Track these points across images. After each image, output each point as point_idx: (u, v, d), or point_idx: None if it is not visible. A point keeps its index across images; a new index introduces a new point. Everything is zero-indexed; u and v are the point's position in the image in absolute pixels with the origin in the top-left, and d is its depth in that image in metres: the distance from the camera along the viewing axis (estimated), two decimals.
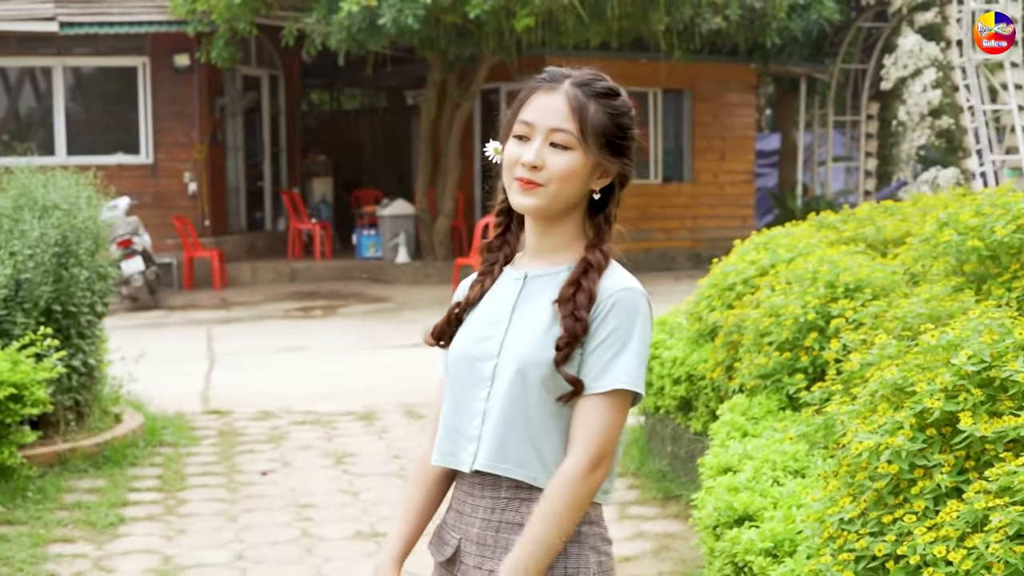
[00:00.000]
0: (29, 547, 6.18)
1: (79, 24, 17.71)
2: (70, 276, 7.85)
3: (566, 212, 2.66)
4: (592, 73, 2.75)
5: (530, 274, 2.69)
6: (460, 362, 2.68)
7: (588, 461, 2.52)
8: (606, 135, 2.63)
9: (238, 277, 18.76)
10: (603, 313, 2.57)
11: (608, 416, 2.54)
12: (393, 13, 15.21)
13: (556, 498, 2.52)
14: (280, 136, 21.48)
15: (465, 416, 2.66)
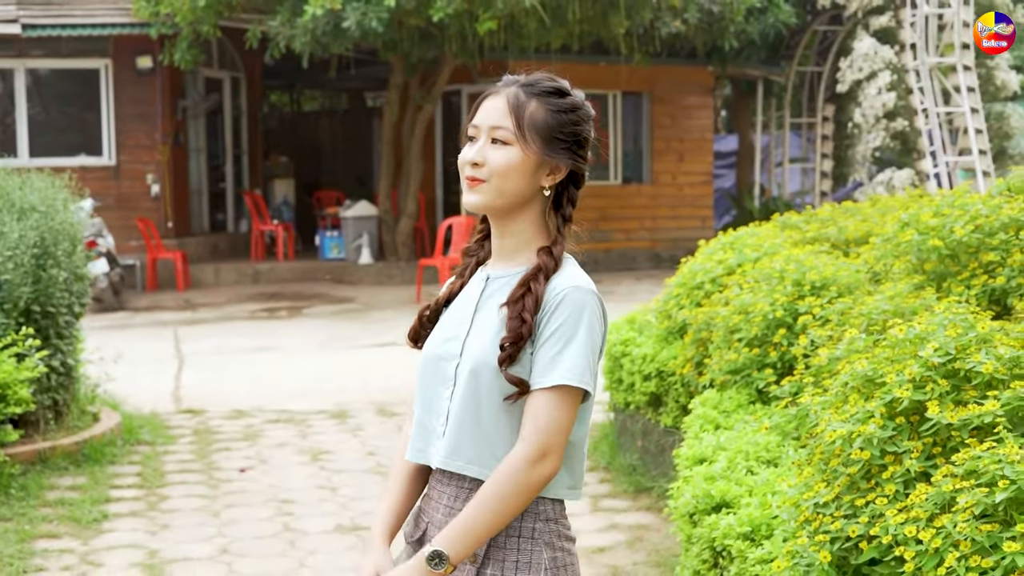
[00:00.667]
0: (16, 543, 6.31)
1: (42, 26, 17.75)
2: (49, 277, 7.97)
3: (516, 210, 2.72)
4: (541, 75, 2.83)
5: (492, 275, 2.77)
6: (428, 361, 2.76)
7: (532, 453, 2.56)
8: (549, 131, 2.70)
9: (201, 278, 18.84)
10: (550, 311, 2.62)
11: (554, 411, 2.58)
12: (357, 16, 15.36)
13: (495, 484, 2.58)
14: (242, 138, 21.57)
15: (434, 414, 2.73)
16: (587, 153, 2.80)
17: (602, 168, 21.08)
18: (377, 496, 7.01)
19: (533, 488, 2.58)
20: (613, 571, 5.93)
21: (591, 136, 2.80)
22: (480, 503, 2.59)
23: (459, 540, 2.58)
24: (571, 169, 2.75)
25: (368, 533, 2.71)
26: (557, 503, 2.69)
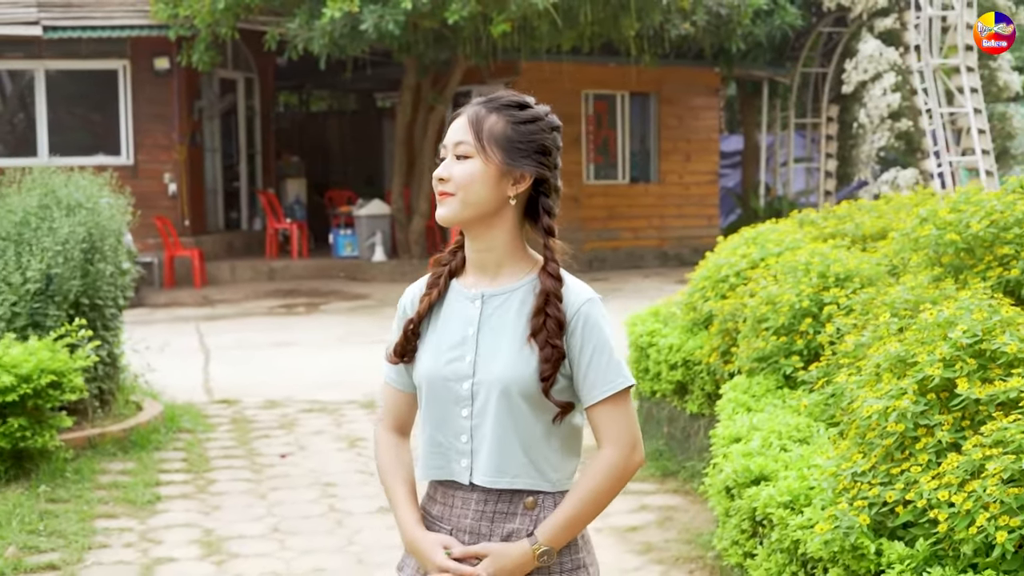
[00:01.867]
0: (77, 521, 6.64)
1: (62, 28, 18.08)
2: (96, 271, 8.31)
3: (486, 221, 2.80)
4: (504, 92, 2.88)
5: (487, 294, 2.83)
6: (434, 383, 2.83)
7: (626, 449, 2.78)
8: (508, 141, 2.77)
9: (217, 276, 19.16)
10: (578, 329, 2.77)
11: (626, 409, 2.81)
12: (374, 19, 15.68)
13: (597, 482, 2.76)
14: (255, 138, 21.89)
15: (451, 432, 2.82)
16: (553, 161, 2.85)
17: (610, 168, 21.43)
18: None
19: (627, 477, 2.81)
20: (646, 547, 6.26)
21: (557, 146, 2.86)
22: (583, 500, 2.76)
23: (562, 535, 2.76)
24: (537, 178, 2.81)
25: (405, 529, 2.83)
26: None
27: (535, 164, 2.79)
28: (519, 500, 2.79)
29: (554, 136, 2.84)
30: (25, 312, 7.92)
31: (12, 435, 7.14)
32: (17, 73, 19.34)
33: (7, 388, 7.03)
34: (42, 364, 7.19)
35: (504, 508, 2.80)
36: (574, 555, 2.82)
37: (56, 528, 6.53)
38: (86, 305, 8.24)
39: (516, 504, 2.80)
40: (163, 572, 6.02)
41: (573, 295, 2.80)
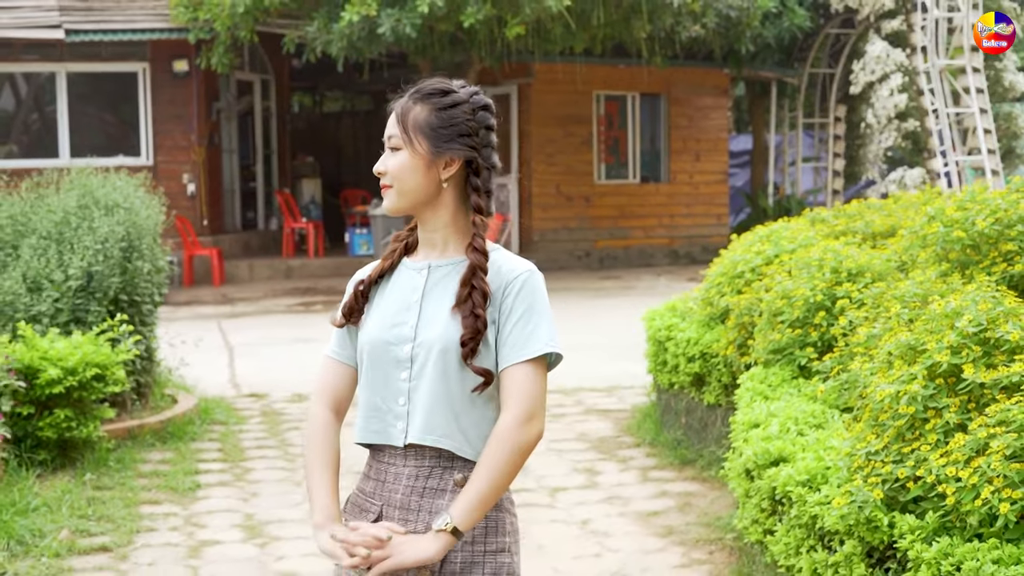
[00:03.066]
0: (123, 507, 6.96)
1: (84, 32, 18.41)
2: (134, 268, 8.64)
3: (427, 206, 2.91)
4: (429, 80, 2.98)
5: (433, 264, 2.94)
6: (376, 346, 2.92)
7: (522, 415, 2.81)
8: (431, 128, 2.87)
9: (236, 274, 19.49)
10: (514, 292, 2.86)
11: (535, 378, 2.84)
12: (391, 22, 16.01)
13: (491, 453, 2.81)
14: (271, 138, 22.23)
15: (389, 396, 2.90)
16: (481, 140, 2.92)
17: (621, 167, 21.75)
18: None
19: (524, 449, 2.82)
20: (667, 530, 6.58)
21: (486, 125, 2.94)
22: (481, 475, 2.80)
23: (469, 512, 2.79)
24: (467, 159, 2.91)
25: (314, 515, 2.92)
26: None
27: (461, 147, 2.89)
28: (449, 477, 2.86)
29: (482, 116, 2.94)
30: (67, 308, 8.25)
31: (59, 425, 7.47)
32: (39, 75, 19.68)
33: (54, 380, 7.36)
34: (87, 357, 7.52)
35: (435, 484, 2.86)
36: (499, 538, 2.90)
37: (104, 513, 6.85)
38: (125, 301, 8.58)
39: (446, 481, 2.86)
40: (210, 553, 6.34)
41: (511, 265, 2.90)
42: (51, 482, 7.28)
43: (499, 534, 2.89)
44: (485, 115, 2.94)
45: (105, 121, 20.14)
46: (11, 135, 19.82)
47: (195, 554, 6.32)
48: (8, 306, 8.14)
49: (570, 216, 20.83)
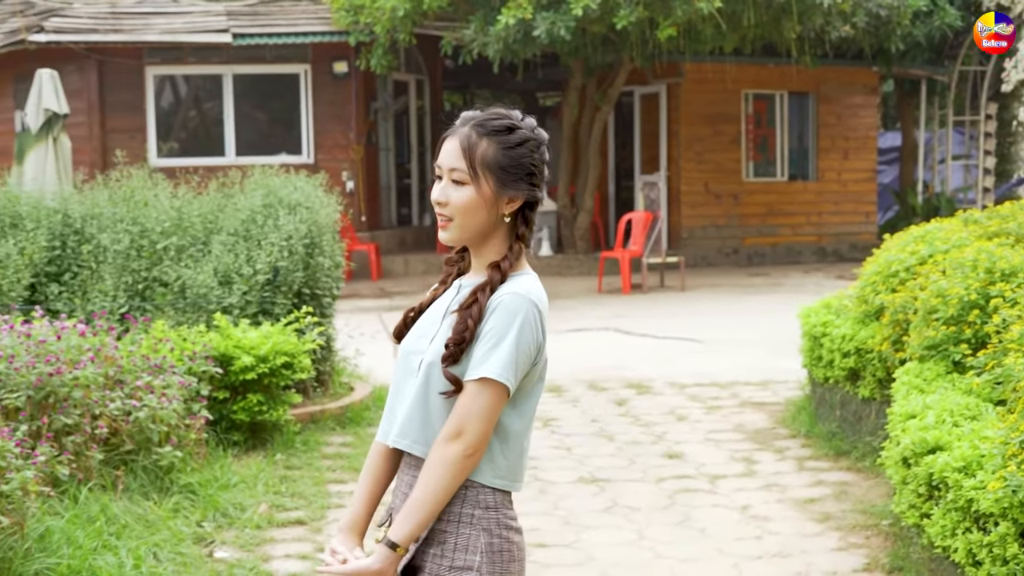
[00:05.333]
0: (312, 485, 7.53)
1: (250, 35, 19.22)
2: (316, 264, 9.23)
3: (484, 237, 2.99)
4: (492, 113, 3.00)
5: (463, 284, 3.05)
6: (401, 356, 3.07)
7: (449, 431, 2.86)
8: (500, 168, 2.93)
9: (392, 269, 20.16)
10: (489, 313, 2.90)
11: (475, 399, 2.86)
12: (547, 25, 16.46)
13: (425, 463, 2.89)
14: (425, 137, 22.87)
15: (398, 400, 3.04)
16: (540, 180, 3.01)
17: (769, 165, 21.95)
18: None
19: (450, 463, 2.85)
20: (825, 516, 6.93)
21: (544, 160, 3.02)
22: (416, 486, 2.89)
23: (402, 524, 2.88)
24: (526, 197, 3.01)
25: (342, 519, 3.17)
26: (499, 493, 2.96)
27: (526, 187, 2.98)
28: None
29: (542, 153, 3.01)
30: (256, 300, 8.86)
31: (251, 409, 8.08)
32: (207, 77, 20.56)
33: (247, 367, 7.97)
34: (276, 347, 8.11)
35: None
36: (468, 556, 2.92)
37: (296, 490, 7.42)
38: (307, 294, 9.17)
39: None
40: None
41: (510, 285, 2.95)
42: (245, 461, 7.88)
43: (469, 552, 2.91)
44: (544, 151, 3.02)
45: (269, 121, 20.95)
46: (171, 133, 20.72)
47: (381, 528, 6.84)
48: (202, 298, 8.78)
49: (718, 214, 21.11)
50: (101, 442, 6.73)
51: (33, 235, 8.98)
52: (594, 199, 20.37)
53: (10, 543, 5.49)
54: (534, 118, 3.05)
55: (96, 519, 6.12)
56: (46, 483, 5.94)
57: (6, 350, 6.76)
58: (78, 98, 18.70)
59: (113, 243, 8.98)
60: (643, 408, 9.74)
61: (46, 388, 6.58)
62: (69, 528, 5.84)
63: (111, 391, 6.97)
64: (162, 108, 20.52)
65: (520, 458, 3.00)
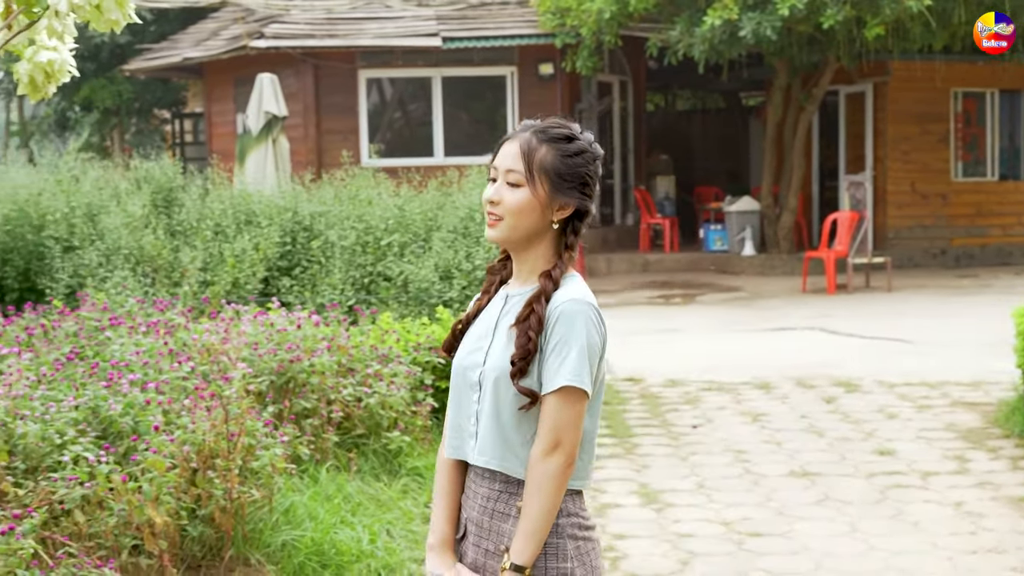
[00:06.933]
0: None
1: (459, 39, 19.73)
2: None
3: (531, 241, 3.02)
4: (553, 121, 3.06)
5: (510, 294, 3.08)
6: (457, 371, 3.10)
7: (544, 446, 2.89)
8: (556, 174, 2.98)
9: (595, 268, 20.43)
10: (551, 324, 2.92)
11: (561, 409, 2.89)
12: (752, 25, 16.52)
13: (528, 484, 2.91)
14: (628, 137, 23.09)
15: (464, 415, 3.06)
16: (592, 191, 3.06)
17: (979, 165, 21.54)
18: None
19: (552, 476, 2.89)
20: None
21: (598, 174, 3.08)
22: (525, 505, 2.92)
23: (525, 547, 2.91)
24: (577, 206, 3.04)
25: (431, 533, 3.18)
26: (574, 497, 3.02)
27: (579, 196, 3.02)
28: (513, 503, 2.99)
29: (596, 166, 3.06)
30: (474, 295, 9.20)
31: None
32: (415, 80, 21.14)
33: None
34: None
35: (502, 508, 3.00)
36: (560, 563, 2.97)
37: None
38: None
39: (510, 506, 3.00)
40: (613, 514, 7.12)
41: (560, 296, 2.96)
42: None
43: (559, 559, 2.95)
44: (598, 165, 3.07)
45: (475, 122, 21.44)
46: (378, 134, 21.35)
47: (599, 514, 7.11)
48: (424, 292, 9.17)
49: (925, 214, 20.81)
50: (335, 426, 7.14)
51: (266, 232, 9.49)
52: (798, 199, 20.31)
53: (260, 515, 5.92)
54: (592, 133, 3.11)
55: (334, 497, 6.52)
56: (289, 462, 6.35)
57: (250, 338, 7.23)
58: (295, 101, 19.45)
59: (340, 239, 9.43)
60: (852, 406, 9.80)
61: (287, 374, 7.03)
62: (311, 504, 6.24)
63: (344, 378, 7.39)
64: (369, 110, 21.15)
65: (592, 457, 3.06)
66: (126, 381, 6.13)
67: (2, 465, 5.21)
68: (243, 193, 10.19)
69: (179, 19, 24.62)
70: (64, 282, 9.29)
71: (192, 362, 6.67)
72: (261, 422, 6.09)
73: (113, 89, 25.33)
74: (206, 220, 9.77)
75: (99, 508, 5.15)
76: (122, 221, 9.66)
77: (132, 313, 7.85)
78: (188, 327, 7.47)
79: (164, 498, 5.27)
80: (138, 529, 5.20)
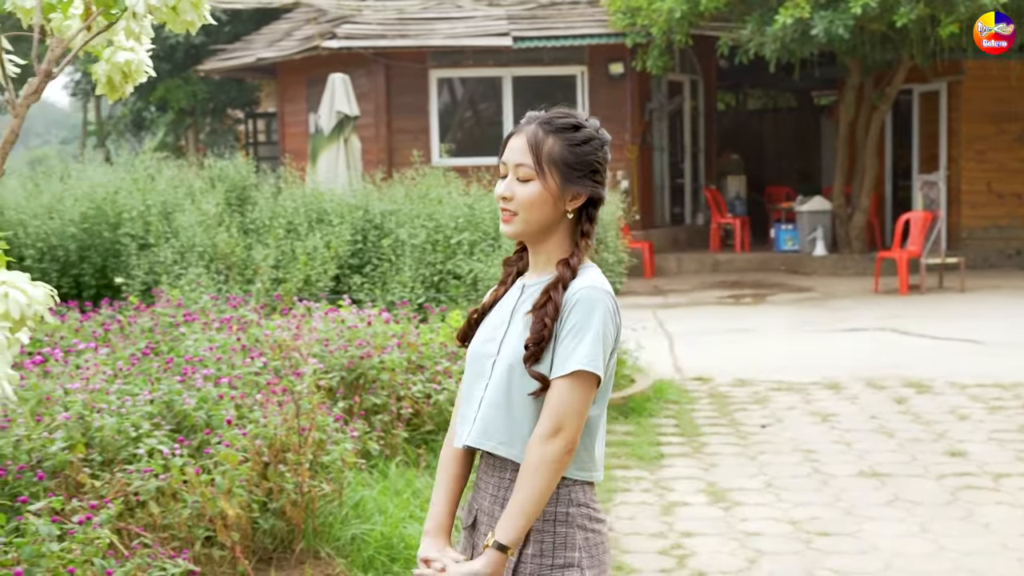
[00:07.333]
0: None
1: (529, 39, 19.79)
2: (601, 259, 9.57)
3: (546, 232, 3.02)
4: (558, 111, 3.05)
5: (527, 284, 3.08)
6: (471, 359, 3.10)
7: (546, 429, 2.87)
8: (565, 164, 2.97)
9: (665, 267, 20.42)
10: (568, 310, 2.91)
11: (569, 394, 2.88)
12: (825, 24, 16.42)
13: (524, 464, 2.90)
14: (699, 137, 23.04)
15: (469, 403, 3.07)
16: (603, 178, 3.05)
17: None
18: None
19: (550, 460, 2.87)
20: None
21: (608, 160, 3.07)
22: (517, 488, 2.90)
23: (511, 526, 2.88)
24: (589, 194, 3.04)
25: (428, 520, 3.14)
26: (586, 488, 3.01)
27: (590, 184, 3.01)
28: None
29: (605, 152, 3.05)
30: None
31: None
32: (485, 79, 21.21)
33: None
34: None
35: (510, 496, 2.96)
36: (568, 553, 2.96)
37: None
38: None
39: None
40: (680, 512, 7.13)
41: (578, 283, 2.96)
42: None
43: (568, 549, 2.95)
44: (608, 151, 3.07)
45: None
46: (448, 133, 21.44)
47: (667, 512, 7.12)
48: None
49: (1001, 214, 20.57)
50: (405, 422, 7.22)
51: (338, 230, 9.59)
52: (870, 199, 20.16)
53: (330, 509, 5.99)
54: (597, 120, 3.10)
55: (403, 492, 6.58)
56: (359, 457, 6.42)
57: (321, 334, 7.32)
58: (366, 100, 19.61)
59: (411, 238, 9.51)
60: (923, 407, 9.73)
61: (357, 370, 7.11)
62: (380, 499, 6.31)
63: (413, 375, 7.46)
64: (440, 109, 21.25)
65: (600, 448, 3.04)
66: (200, 376, 6.25)
67: (80, 457, 5.33)
68: (315, 192, 10.30)
69: (253, 20, 24.91)
70: (140, 279, 9.45)
71: (264, 358, 6.78)
72: (331, 417, 6.17)
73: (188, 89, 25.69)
74: (278, 218, 9.89)
75: (173, 500, 5.25)
76: (196, 219, 9.80)
77: (206, 309, 7.97)
78: (260, 323, 7.58)
79: (236, 491, 5.36)
80: (211, 521, 5.30)
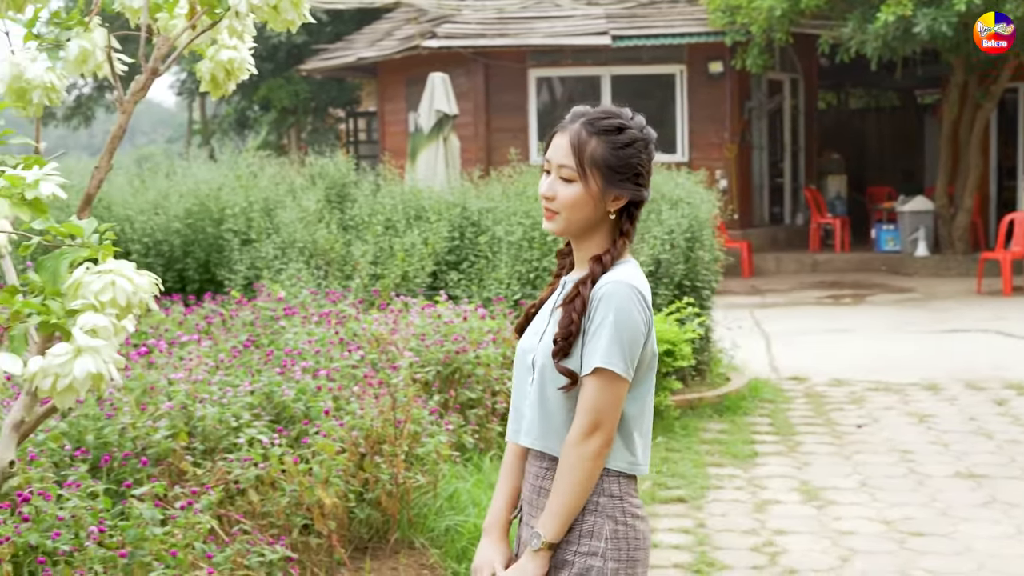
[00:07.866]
0: (692, 467, 7.89)
1: (628, 37, 19.79)
2: (696, 258, 9.58)
3: (588, 231, 3.02)
4: (603, 111, 3.04)
5: (567, 280, 3.11)
6: (519, 354, 3.15)
7: (581, 429, 2.91)
8: (608, 167, 2.97)
9: (763, 267, 20.30)
10: (594, 306, 2.92)
11: (597, 392, 2.90)
12: (927, 21, 16.24)
13: (561, 463, 2.94)
14: (799, 136, 22.86)
15: (520, 397, 3.12)
16: (646, 179, 3.04)
17: None
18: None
19: (588, 458, 2.91)
20: None
21: (652, 159, 3.05)
22: (556, 484, 2.95)
23: (551, 524, 2.94)
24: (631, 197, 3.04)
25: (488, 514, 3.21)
26: (625, 481, 3.00)
27: (632, 187, 3.01)
28: None
29: (649, 152, 3.04)
30: None
31: None
32: (584, 78, 21.25)
33: None
34: (659, 335, 8.50)
35: (547, 485, 3.02)
36: (594, 542, 2.96)
37: (676, 471, 7.80)
38: (687, 286, 9.54)
39: None
40: (773, 510, 7.13)
41: (612, 274, 2.97)
42: None
43: (594, 538, 2.95)
44: (652, 150, 3.06)
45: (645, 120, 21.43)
46: (547, 132, 21.51)
47: (760, 510, 7.13)
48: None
49: None
50: (499, 416, 7.29)
51: (436, 227, 9.70)
52: (974, 199, 19.88)
53: (425, 500, 6.09)
54: (643, 118, 3.09)
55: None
56: (453, 450, 6.51)
57: (418, 329, 7.43)
58: (465, 99, 19.72)
59: (507, 234, 9.58)
60: (1023, 409, 9.61)
61: (453, 364, 7.20)
62: (474, 491, 6.39)
63: (508, 370, 7.52)
64: (539, 108, 21.32)
65: (639, 441, 3.02)
66: (299, 368, 6.38)
67: (182, 445, 5.48)
68: (413, 189, 10.42)
69: (354, 20, 25.19)
70: (242, 273, 9.63)
71: (361, 351, 6.89)
72: (427, 410, 6.27)
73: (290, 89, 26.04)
74: (377, 215, 10.02)
75: (272, 488, 5.37)
76: (297, 216, 9.96)
77: (305, 304, 8.11)
78: (358, 318, 7.71)
79: (333, 480, 5.47)
80: (308, 510, 5.41)
